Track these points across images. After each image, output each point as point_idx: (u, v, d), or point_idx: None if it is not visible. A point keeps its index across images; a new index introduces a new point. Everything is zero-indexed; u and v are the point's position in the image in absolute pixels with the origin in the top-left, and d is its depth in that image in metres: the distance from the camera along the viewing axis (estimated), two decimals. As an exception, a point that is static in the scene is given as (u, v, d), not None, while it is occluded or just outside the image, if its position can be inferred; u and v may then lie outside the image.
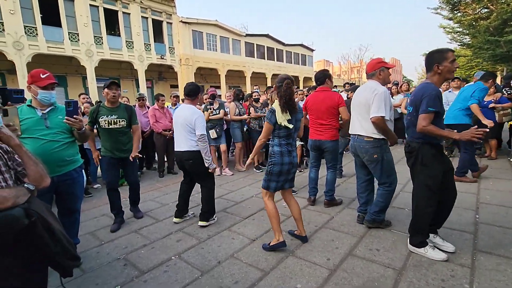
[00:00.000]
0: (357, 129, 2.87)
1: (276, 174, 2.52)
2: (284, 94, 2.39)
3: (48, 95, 2.26)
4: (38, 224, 1.16)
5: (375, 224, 2.88)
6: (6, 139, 1.29)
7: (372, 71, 2.78)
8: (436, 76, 2.21)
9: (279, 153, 2.49)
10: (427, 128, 2.12)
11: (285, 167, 2.50)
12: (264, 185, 2.60)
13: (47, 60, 15.09)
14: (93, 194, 4.56)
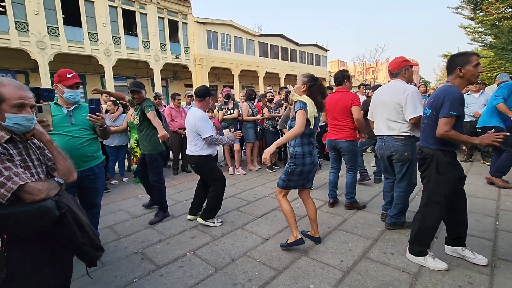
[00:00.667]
0: (383, 131, 2.85)
1: (297, 175, 2.50)
2: (324, 90, 2.44)
3: (73, 93, 2.37)
4: (67, 216, 1.23)
5: (396, 227, 2.86)
6: (38, 135, 1.38)
7: (397, 69, 2.74)
8: (458, 80, 2.12)
9: (301, 154, 2.46)
10: (449, 133, 2.03)
11: (306, 167, 2.49)
12: (281, 184, 2.56)
13: (67, 59, 15.63)
14: (110, 190, 4.71)
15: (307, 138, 2.48)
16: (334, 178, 3.67)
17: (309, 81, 2.44)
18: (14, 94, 1.24)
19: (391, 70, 2.80)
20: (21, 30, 14.11)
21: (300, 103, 2.40)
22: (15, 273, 1.16)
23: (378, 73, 36.23)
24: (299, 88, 2.47)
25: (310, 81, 2.44)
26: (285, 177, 2.54)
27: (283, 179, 2.56)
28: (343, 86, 3.47)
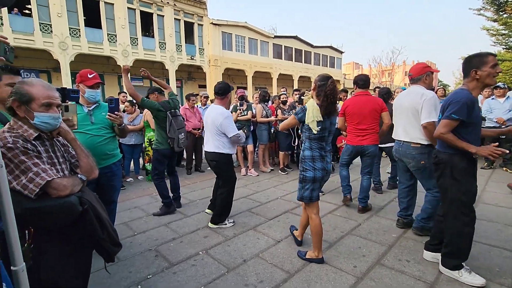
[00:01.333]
0: (400, 135, 2.82)
1: (310, 181, 2.35)
2: (330, 93, 2.22)
3: (94, 93, 2.46)
4: (89, 211, 1.28)
5: (424, 232, 2.81)
6: (64, 133, 1.43)
7: (418, 75, 2.71)
8: (474, 82, 2.03)
9: (310, 158, 2.35)
10: (445, 136, 1.99)
11: (318, 173, 2.33)
12: (298, 196, 2.45)
13: (87, 59, 16.14)
14: (126, 187, 4.82)
15: (317, 143, 2.34)
16: (347, 173, 3.68)
17: (319, 80, 2.32)
18: (42, 94, 1.30)
19: (412, 75, 2.76)
20: (45, 32, 14.69)
21: (300, 109, 2.37)
22: (40, 264, 1.22)
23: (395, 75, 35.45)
24: (313, 89, 2.43)
25: (320, 80, 2.32)
26: (299, 186, 2.44)
27: (299, 188, 2.45)
28: (366, 89, 3.47)
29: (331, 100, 2.24)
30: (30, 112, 1.27)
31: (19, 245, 0.73)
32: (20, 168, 1.20)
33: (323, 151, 2.38)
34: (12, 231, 0.70)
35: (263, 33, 24.89)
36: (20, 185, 1.18)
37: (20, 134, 1.25)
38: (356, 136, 3.45)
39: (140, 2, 17.81)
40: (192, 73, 22.45)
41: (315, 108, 2.25)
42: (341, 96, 6.28)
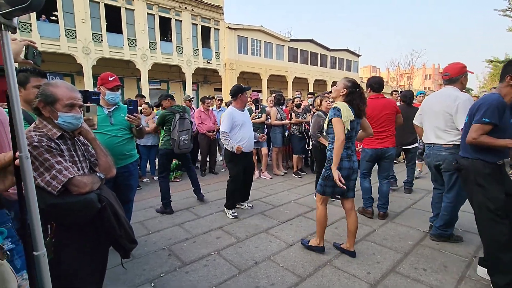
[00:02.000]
0: (431, 139, 2.78)
1: (333, 179, 2.35)
2: (362, 99, 2.38)
3: (114, 95, 2.55)
4: (107, 208, 1.33)
5: (441, 239, 2.73)
6: (85, 133, 1.50)
7: (457, 75, 2.65)
8: (507, 88, 1.97)
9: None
10: (478, 139, 1.91)
11: (344, 172, 2.37)
12: (319, 190, 2.53)
13: (108, 63, 16.74)
14: (142, 187, 4.95)
15: (345, 142, 2.37)
16: (370, 185, 3.55)
17: (351, 87, 2.40)
18: (66, 95, 1.37)
19: (450, 75, 2.68)
20: (70, 37, 15.40)
21: (333, 110, 2.36)
22: (60, 258, 1.27)
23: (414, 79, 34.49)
24: (338, 91, 2.43)
25: (352, 87, 2.40)
26: (321, 182, 2.50)
27: (320, 184, 2.52)
28: (381, 92, 3.44)
29: (364, 102, 2.41)
30: (55, 112, 1.34)
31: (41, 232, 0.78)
32: (44, 166, 1.26)
33: (349, 151, 2.44)
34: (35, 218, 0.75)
35: (278, 37, 24.96)
36: (44, 182, 1.25)
37: (44, 133, 1.32)
38: (374, 140, 3.37)
39: (159, 7, 18.34)
40: (208, 76, 22.80)
41: (347, 108, 2.33)
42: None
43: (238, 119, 3.50)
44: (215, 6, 20.80)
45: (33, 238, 0.76)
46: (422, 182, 5.08)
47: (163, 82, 20.60)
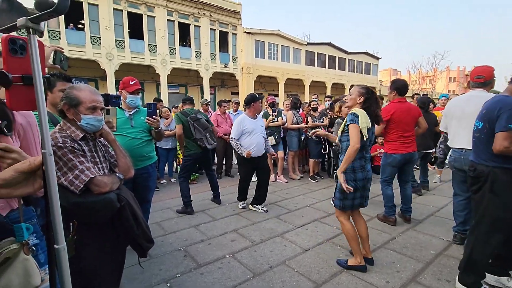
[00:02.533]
0: (463, 143, 2.68)
1: (351, 192, 2.28)
2: (378, 104, 2.35)
3: (135, 99, 2.64)
4: (126, 208, 1.36)
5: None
6: (105, 134, 1.56)
7: (490, 79, 2.57)
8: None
9: (351, 170, 2.29)
10: (510, 148, 1.79)
11: (359, 183, 2.30)
12: (338, 204, 2.39)
13: (130, 68, 17.36)
14: (160, 189, 5.05)
15: (359, 152, 2.28)
16: (392, 192, 3.41)
17: (366, 93, 2.35)
18: (89, 98, 1.43)
19: (485, 78, 2.59)
20: (95, 44, 16.13)
21: (351, 115, 2.27)
22: (81, 255, 1.32)
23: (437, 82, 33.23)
24: (355, 99, 2.36)
25: (367, 93, 2.35)
26: (340, 195, 2.36)
27: (338, 198, 2.38)
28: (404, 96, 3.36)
29: (380, 108, 2.37)
30: (78, 114, 1.40)
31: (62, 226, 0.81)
32: (67, 166, 1.32)
33: (363, 160, 2.34)
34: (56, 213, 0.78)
35: (295, 41, 24.92)
36: (67, 181, 1.30)
37: (68, 135, 1.38)
38: (402, 144, 3.27)
39: (179, 14, 18.85)
40: (225, 80, 23.09)
41: (365, 115, 2.27)
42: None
43: (248, 127, 3.75)
44: (233, 12, 21.11)
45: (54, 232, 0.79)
46: (446, 189, 4.86)
47: (181, 86, 21.08)
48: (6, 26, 0.72)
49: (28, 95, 0.76)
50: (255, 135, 3.78)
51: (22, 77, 0.77)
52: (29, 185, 0.75)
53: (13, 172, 0.72)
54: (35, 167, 0.73)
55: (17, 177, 0.73)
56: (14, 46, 0.77)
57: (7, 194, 0.74)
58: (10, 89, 0.75)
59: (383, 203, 3.47)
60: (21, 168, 0.73)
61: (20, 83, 0.77)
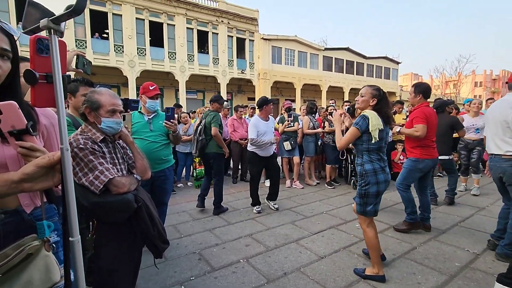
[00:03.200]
0: (491, 148, 2.62)
1: (373, 196, 2.24)
2: (389, 104, 2.32)
3: (154, 103, 2.72)
4: (143, 209, 1.39)
5: (508, 260, 2.46)
6: (124, 137, 1.61)
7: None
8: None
9: (372, 171, 2.23)
10: None
11: (381, 186, 2.24)
12: (359, 210, 2.32)
13: (150, 75, 17.93)
14: (176, 192, 5.13)
15: (376, 154, 2.25)
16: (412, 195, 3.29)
17: (379, 95, 2.30)
18: (109, 101, 1.49)
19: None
20: (118, 52, 16.84)
21: (360, 118, 2.23)
22: (100, 254, 1.36)
23: (461, 86, 31.87)
24: (367, 102, 2.31)
25: (380, 94, 2.30)
26: (361, 201, 2.30)
27: (360, 204, 2.32)
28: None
29: (391, 108, 2.36)
30: (98, 117, 1.46)
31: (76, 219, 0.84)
32: (88, 167, 1.37)
33: (382, 162, 2.29)
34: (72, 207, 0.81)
35: (312, 46, 24.82)
36: (88, 182, 1.35)
37: (89, 137, 1.44)
38: (433, 149, 3.20)
39: (198, 22, 19.34)
40: (242, 86, 23.31)
41: (376, 117, 2.21)
42: (396, 108, 5.88)
43: (261, 128, 3.98)
44: (250, 19, 21.39)
45: (69, 225, 0.82)
46: (473, 198, 4.62)
47: (199, 92, 21.49)
48: (31, 28, 0.76)
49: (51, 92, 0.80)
50: (266, 136, 3.99)
51: (46, 75, 0.81)
52: (49, 179, 0.79)
53: (34, 167, 0.76)
54: (54, 162, 0.76)
55: (38, 172, 0.76)
56: (41, 45, 0.82)
57: (29, 187, 0.78)
58: (35, 87, 0.80)
59: (403, 211, 3.34)
60: (41, 163, 0.76)
61: (44, 81, 0.81)
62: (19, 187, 0.77)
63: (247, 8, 21.53)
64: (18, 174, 0.76)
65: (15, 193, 0.79)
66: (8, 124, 0.76)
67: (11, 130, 0.77)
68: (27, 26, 0.78)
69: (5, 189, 0.77)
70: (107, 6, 16.14)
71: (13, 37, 0.90)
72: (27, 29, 0.78)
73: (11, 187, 0.77)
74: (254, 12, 21.74)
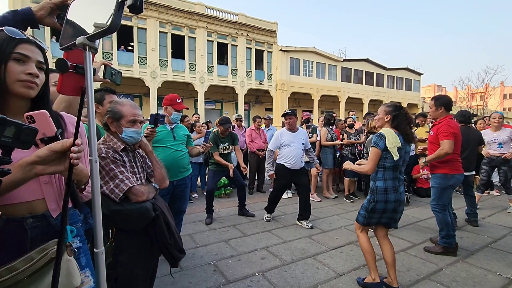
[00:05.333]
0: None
1: (379, 212, 2.24)
2: (410, 120, 2.25)
3: (178, 116, 2.84)
4: (160, 217, 1.41)
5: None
6: (144, 146, 1.64)
7: None
8: None
9: (383, 190, 2.20)
10: None
11: (390, 205, 2.20)
12: (360, 220, 2.34)
13: (170, 85, 18.51)
14: (192, 201, 5.17)
15: (391, 172, 2.20)
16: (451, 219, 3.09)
17: (393, 111, 2.25)
18: (130, 112, 1.53)
19: None
20: (141, 63, 17.57)
21: (377, 137, 2.20)
22: (118, 261, 1.37)
23: (489, 99, 30.43)
24: (382, 119, 2.30)
25: (394, 110, 2.25)
26: (365, 214, 2.30)
27: (363, 216, 2.32)
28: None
29: (410, 124, 2.25)
30: (120, 127, 1.50)
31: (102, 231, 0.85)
32: (109, 175, 1.40)
33: (397, 181, 2.23)
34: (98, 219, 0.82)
35: (331, 57, 24.77)
36: (108, 190, 1.38)
37: (111, 146, 1.48)
38: (460, 163, 3.07)
39: (217, 34, 19.89)
40: (259, 97, 23.51)
41: (393, 134, 2.17)
42: (419, 121, 5.68)
43: (286, 140, 3.92)
44: (269, 31, 21.74)
45: (94, 237, 0.83)
46: (504, 217, 4.32)
47: (217, 102, 21.88)
48: (67, 44, 0.81)
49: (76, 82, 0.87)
50: (292, 147, 3.89)
51: (76, 65, 0.88)
52: (61, 164, 0.83)
53: (47, 150, 0.80)
54: (67, 148, 0.80)
55: (50, 155, 0.80)
56: None
57: (41, 170, 0.81)
58: (64, 75, 0.87)
59: (427, 228, 3.18)
60: (54, 147, 0.80)
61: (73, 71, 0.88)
62: (32, 170, 0.80)
63: (266, 20, 21.92)
64: (32, 156, 0.80)
65: (29, 177, 0.82)
66: (40, 132, 0.80)
67: (43, 137, 0.81)
68: (63, 43, 0.83)
69: (21, 174, 0.80)
70: (133, 20, 16.96)
71: (44, 50, 0.96)
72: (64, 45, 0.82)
73: (26, 170, 0.80)
74: (273, 24, 22.09)
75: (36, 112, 0.80)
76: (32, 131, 0.75)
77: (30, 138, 0.76)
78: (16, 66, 0.91)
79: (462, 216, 4.10)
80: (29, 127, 0.75)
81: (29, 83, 0.92)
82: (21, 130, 0.72)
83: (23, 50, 0.91)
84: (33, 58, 0.93)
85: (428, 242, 3.30)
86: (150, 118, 2.28)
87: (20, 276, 0.87)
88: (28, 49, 0.92)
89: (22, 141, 0.74)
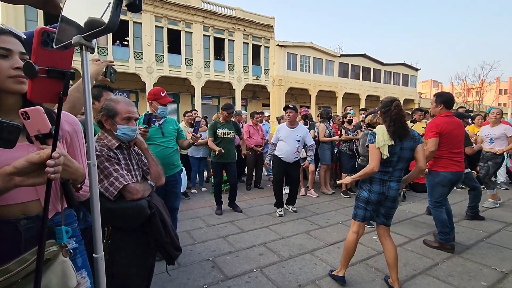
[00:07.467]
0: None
1: (363, 201, 2.30)
2: (396, 117, 2.15)
3: (165, 110, 2.75)
4: (156, 215, 1.39)
5: None
6: (139, 143, 1.62)
7: None
8: None
9: (368, 179, 2.28)
10: None
11: (373, 195, 2.23)
12: (352, 214, 2.43)
13: (167, 81, 18.35)
14: (190, 197, 5.16)
15: (381, 166, 2.19)
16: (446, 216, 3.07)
17: (382, 107, 2.28)
18: (124, 109, 1.51)
19: None
20: (137, 58, 17.37)
21: (370, 135, 2.24)
22: (114, 260, 1.36)
23: (484, 94, 30.62)
24: (378, 117, 2.35)
25: (383, 106, 2.27)
26: (354, 203, 2.41)
27: (354, 206, 2.42)
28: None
29: (399, 125, 2.16)
30: (114, 124, 1.48)
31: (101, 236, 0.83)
32: (104, 173, 1.38)
33: (387, 176, 2.23)
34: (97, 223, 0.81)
35: (328, 52, 24.68)
36: (103, 188, 1.36)
37: (105, 144, 1.46)
38: (453, 162, 2.99)
39: (214, 29, 19.70)
40: (257, 92, 23.42)
41: (385, 133, 2.18)
42: (416, 116, 5.69)
43: (282, 134, 4.20)
44: (266, 26, 21.57)
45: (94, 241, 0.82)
46: (500, 212, 4.37)
47: (214, 98, 21.77)
48: (63, 43, 0.77)
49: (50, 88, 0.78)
50: (285, 142, 4.16)
51: (48, 69, 0.78)
52: (40, 176, 0.78)
53: (25, 161, 0.76)
54: (44, 160, 0.75)
55: (28, 167, 0.75)
56: (47, 38, 0.79)
57: (20, 181, 0.77)
58: (33, 80, 0.77)
59: (423, 224, 3.20)
60: (31, 159, 0.76)
61: (44, 75, 0.78)
62: (11, 181, 0.77)
63: (263, 15, 21.74)
64: (10, 167, 0.76)
65: (9, 187, 0.78)
66: (35, 128, 0.77)
67: (37, 134, 0.78)
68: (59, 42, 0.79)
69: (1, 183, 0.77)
70: (128, 14, 16.71)
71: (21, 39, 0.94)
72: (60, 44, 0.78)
73: (5, 180, 0.77)
74: (270, 19, 21.92)
75: (31, 108, 0.77)
76: (14, 128, 0.71)
77: (13, 136, 0.71)
78: (1, 62, 0.87)
79: (458, 211, 4.14)
80: (11, 124, 0.70)
81: (20, 77, 0.89)
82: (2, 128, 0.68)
83: (4, 43, 0.88)
84: (15, 50, 0.90)
85: (428, 236, 3.33)
86: (144, 118, 2.25)
87: (14, 278, 0.85)
88: (8, 41, 0.89)
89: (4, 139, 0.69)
